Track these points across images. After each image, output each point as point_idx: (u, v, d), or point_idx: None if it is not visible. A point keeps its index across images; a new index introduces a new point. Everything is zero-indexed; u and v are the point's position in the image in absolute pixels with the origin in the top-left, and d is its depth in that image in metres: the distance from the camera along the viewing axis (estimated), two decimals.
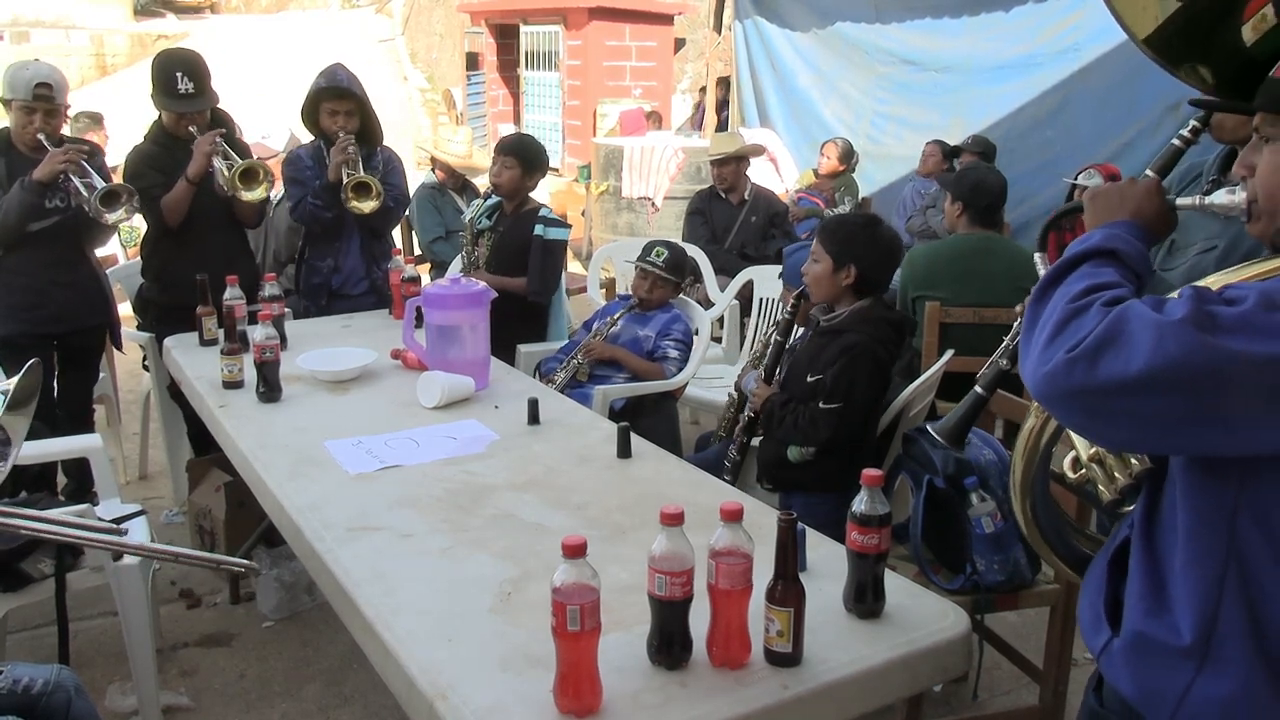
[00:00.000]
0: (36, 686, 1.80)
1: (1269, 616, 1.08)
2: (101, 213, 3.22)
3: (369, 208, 3.55)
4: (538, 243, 3.73)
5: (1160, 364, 0.98)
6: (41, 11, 17.38)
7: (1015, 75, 6.45)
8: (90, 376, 3.74)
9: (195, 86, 3.43)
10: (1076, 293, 1.10)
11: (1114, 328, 1.02)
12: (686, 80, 15.31)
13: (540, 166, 3.86)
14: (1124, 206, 1.29)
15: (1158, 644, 1.14)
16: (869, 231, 2.70)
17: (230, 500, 3.27)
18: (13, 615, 2.59)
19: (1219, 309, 1.00)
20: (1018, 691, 2.82)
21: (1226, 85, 1.26)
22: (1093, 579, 1.31)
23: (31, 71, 3.26)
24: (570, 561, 1.34)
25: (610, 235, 7.53)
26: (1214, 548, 1.09)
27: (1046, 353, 1.07)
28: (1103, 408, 1.04)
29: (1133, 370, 0.99)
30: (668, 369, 3.53)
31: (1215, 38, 1.21)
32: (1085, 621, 1.29)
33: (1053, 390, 1.06)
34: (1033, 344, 1.10)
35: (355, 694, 2.80)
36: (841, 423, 2.60)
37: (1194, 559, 1.11)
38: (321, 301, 3.79)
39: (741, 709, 1.41)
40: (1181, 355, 0.98)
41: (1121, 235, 1.22)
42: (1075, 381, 1.03)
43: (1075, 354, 1.03)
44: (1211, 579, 1.09)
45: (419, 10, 17.99)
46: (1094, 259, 1.19)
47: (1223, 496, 1.09)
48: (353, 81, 3.66)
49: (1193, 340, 0.98)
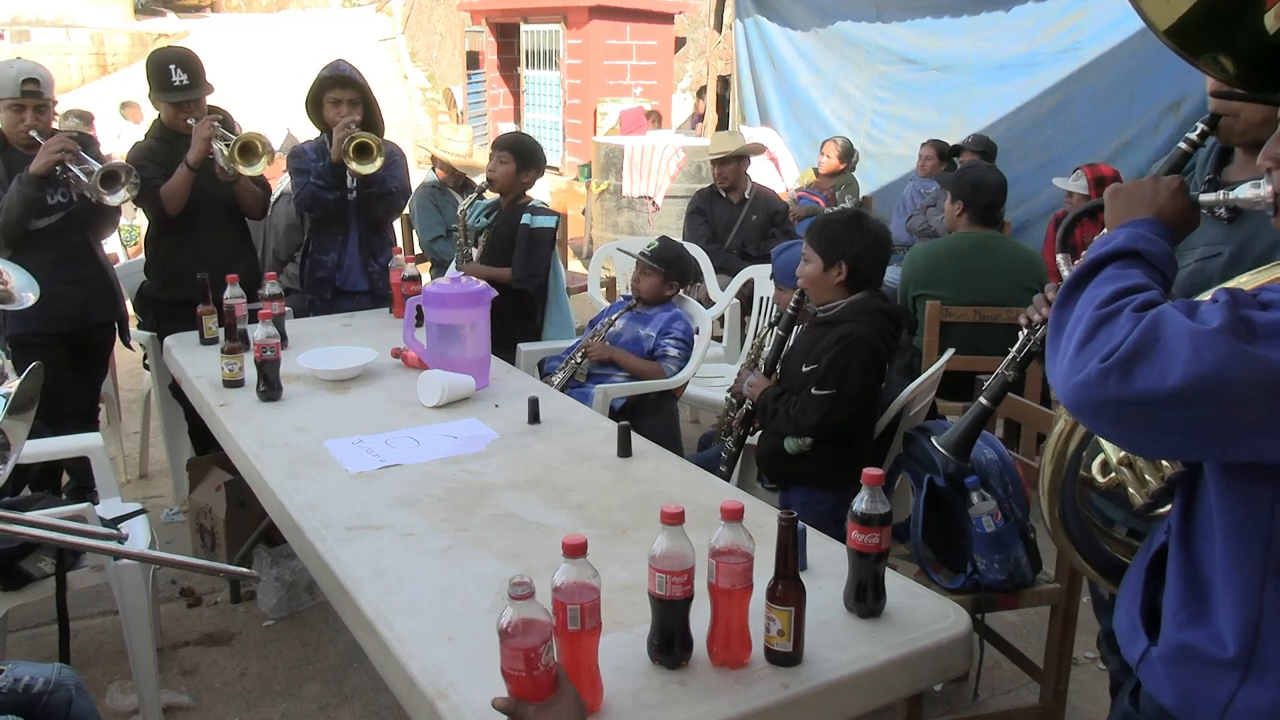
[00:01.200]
0: (37, 685, 1.80)
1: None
2: (103, 195, 3.23)
3: (371, 169, 3.53)
4: (524, 231, 3.76)
5: (1198, 375, 0.95)
6: (42, 10, 17.39)
7: (1016, 74, 6.45)
8: (99, 374, 3.75)
9: (189, 78, 3.45)
10: (1105, 297, 1.07)
11: (1148, 336, 0.99)
12: (687, 79, 15.32)
13: (535, 164, 3.89)
14: (1146, 204, 1.26)
15: (1200, 654, 1.11)
16: (854, 226, 2.70)
17: (230, 499, 3.27)
18: (13, 614, 2.60)
19: (1255, 314, 0.97)
20: (1018, 691, 2.82)
21: (1249, 75, 1.22)
22: (1129, 586, 1.28)
23: (16, 69, 3.28)
24: (570, 561, 1.34)
25: (611, 234, 7.53)
26: (1252, 553, 1.06)
27: (1077, 361, 1.03)
28: (1138, 418, 1.01)
29: (1170, 383, 0.96)
30: (667, 367, 3.54)
31: (1239, 25, 1.17)
32: (1122, 630, 1.25)
33: (1085, 401, 1.03)
34: (1061, 351, 1.07)
35: (355, 693, 2.80)
36: (834, 409, 2.60)
37: (1233, 565, 1.08)
38: (327, 295, 3.79)
39: (742, 709, 1.41)
40: (1219, 366, 0.95)
41: (1145, 235, 1.18)
42: (1110, 393, 1.00)
43: (1109, 364, 1.00)
44: (1253, 585, 1.06)
45: (419, 9, 17.99)
46: (1119, 260, 1.15)
47: (1259, 501, 1.05)
48: (355, 73, 3.69)
49: (1230, 350, 0.95)
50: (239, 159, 3.38)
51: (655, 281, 3.64)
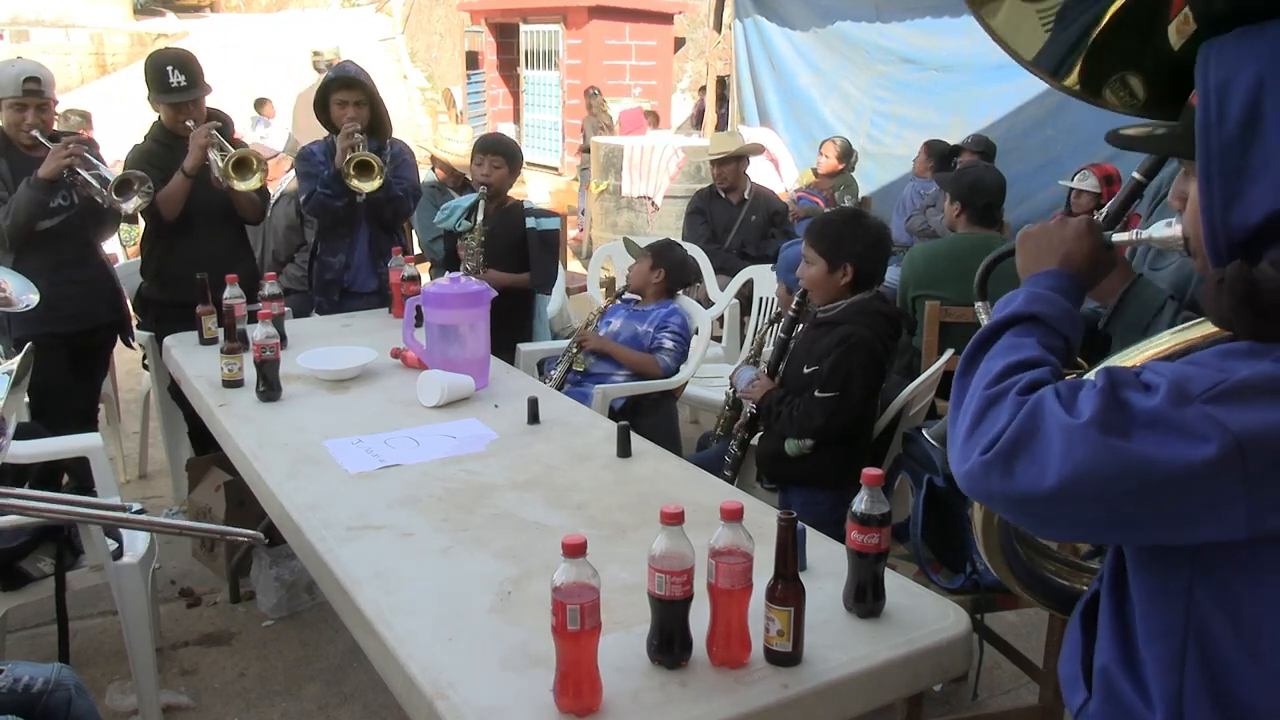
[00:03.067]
0: (37, 685, 1.80)
1: (1236, 694, 1.00)
2: (117, 203, 3.25)
3: (370, 187, 3.56)
4: (534, 236, 3.77)
5: (1072, 474, 0.92)
6: (41, 10, 17.37)
7: (1016, 74, 6.37)
8: (99, 375, 3.76)
9: (187, 79, 3.46)
10: (994, 375, 1.04)
11: (1026, 428, 0.96)
12: (686, 79, 15.32)
13: (520, 165, 3.99)
14: (1052, 252, 1.22)
15: (1132, 712, 1.08)
16: (856, 226, 2.70)
17: (230, 499, 3.27)
18: (12, 614, 2.60)
19: (1134, 400, 0.93)
20: (1018, 691, 2.82)
21: (1160, 99, 1.14)
22: (1070, 633, 1.25)
23: (17, 69, 3.28)
24: (570, 561, 1.34)
25: (610, 235, 7.52)
26: (1172, 626, 1.03)
27: (965, 448, 1.01)
28: (1026, 512, 0.99)
29: (1046, 484, 0.93)
30: (661, 359, 3.55)
31: (1146, 42, 1.10)
32: (1064, 676, 1.23)
33: (974, 490, 1.01)
34: (955, 433, 1.05)
35: (355, 693, 2.80)
36: (838, 411, 2.60)
37: (1153, 635, 1.05)
38: (334, 297, 3.80)
39: (741, 709, 1.41)
40: (1090, 464, 0.91)
41: (1044, 295, 1.15)
42: (993, 488, 0.98)
43: (989, 457, 0.97)
44: (1175, 654, 1.03)
45: (419, 9, 17.98)
46: (1017, 326, 1.12)
47: (1175, 577, 1.02)
48: (361, 74, 3.71)
49: (1099, 446, 0.91)
50: (233, 174, 3.39)
51: (643, 269, 3.69)
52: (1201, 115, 0.97)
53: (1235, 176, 0.96)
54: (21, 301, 2.84)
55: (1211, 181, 0.97)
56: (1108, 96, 1.16)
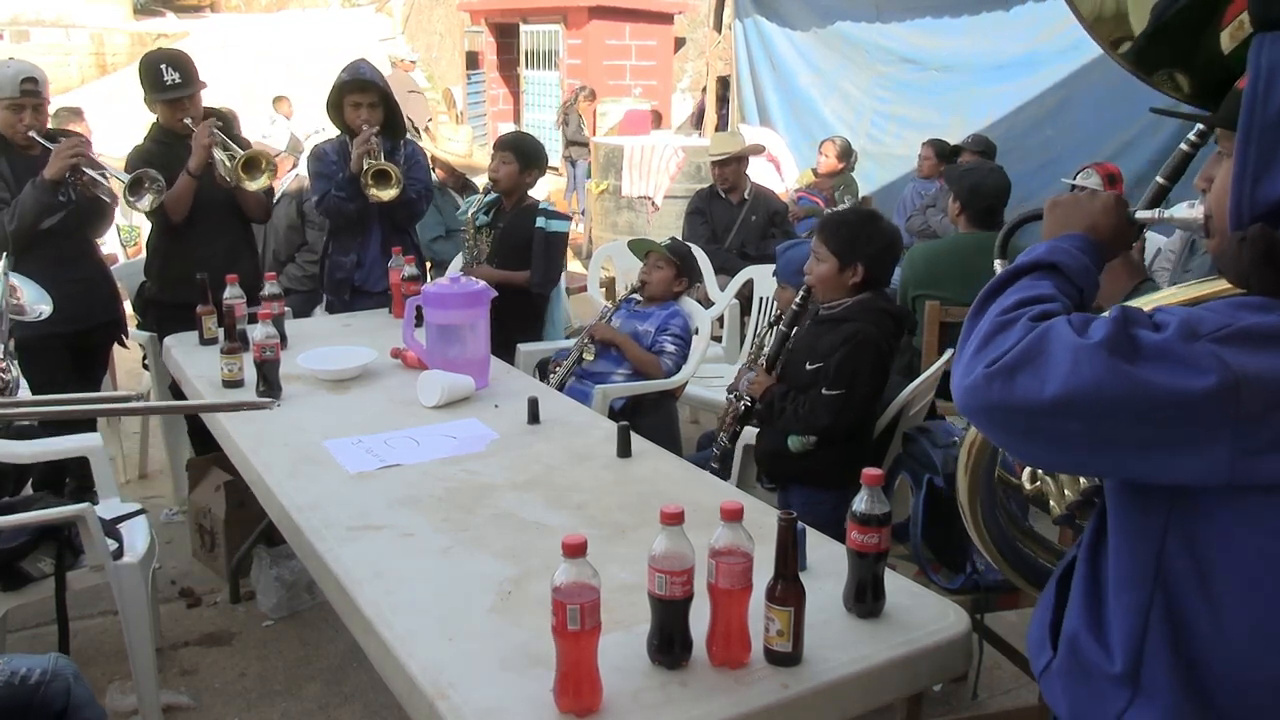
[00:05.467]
0: (34, 676, 1.80)
1: (1195, 648, 1.04)
2: (133, 203, 3.29)
3: (388, 196, 3.58)
4: (539, 235, 3.77)
5: (1075, 388, 0.96)
6: (41, 10, 17.36)
7: (1016, 74, 6.45)
8: (99, 375, 3.76)
9: (181, 76, 3.47)
10: (1008, 306, 1.09)
11: (1034, 346, 1.00)
12: (687, 79, 15.31)
13: (538, 164, 3.92)
14: (1080, 219, 1.26)
15: (1093, 668, 1.12)
16: (870, 228, 2.70)
17: (230, 499, 3.27)
18: (13, 614, 2.59)
19: (1142, 334, 0.98)
20: (1018, 691, 2.82)
21: (1204, 94, 1.23)
22: (1043, 598, 1.28)
23: (14, 69, 3.29)
24: (570, 561, 1.34)
25: (610, 234, 7.52)
26: (1142, 574, 1.07)
27: (970, 364, 1.05)
28: (1018, 425, 1.02)
29: (1047, 394, 0.98)
30: (664, 362, 3.56)
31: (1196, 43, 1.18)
32: (1031, 639, 1.26)
33: (972, 403, 1.05)
34: (961, 355, 1.09)
35: (355, 693, 2.80)
36: (844, 409, 2.60)
37: (1123, 584, 1.09)
38: (345, 297, 3.81)
39: (741, 709, 1.41)
40: (1095, 381, 0.96)
41: (1067, 249, 1.19)
42: (993, 397, 1.02)
43: (994, 369, 1.02)
44: (1141, 603, 1.07)
45: (419, 9, 17.97)
46: (1036, 272, 1.17)
47: (1152, 520, 1.06)
48: (376, 75, 3.72)
49: (1107, 366, 0.96)
50: (243, 173, 3.41)
51: (667, 276, 3.67)
52: (1249, 93, 1.03)
53: (1271, 153, 1.02)
54: (34, 311, 2.84)
55: (1248, 154, 1.03)
56: (1156, 80, 1.26)
